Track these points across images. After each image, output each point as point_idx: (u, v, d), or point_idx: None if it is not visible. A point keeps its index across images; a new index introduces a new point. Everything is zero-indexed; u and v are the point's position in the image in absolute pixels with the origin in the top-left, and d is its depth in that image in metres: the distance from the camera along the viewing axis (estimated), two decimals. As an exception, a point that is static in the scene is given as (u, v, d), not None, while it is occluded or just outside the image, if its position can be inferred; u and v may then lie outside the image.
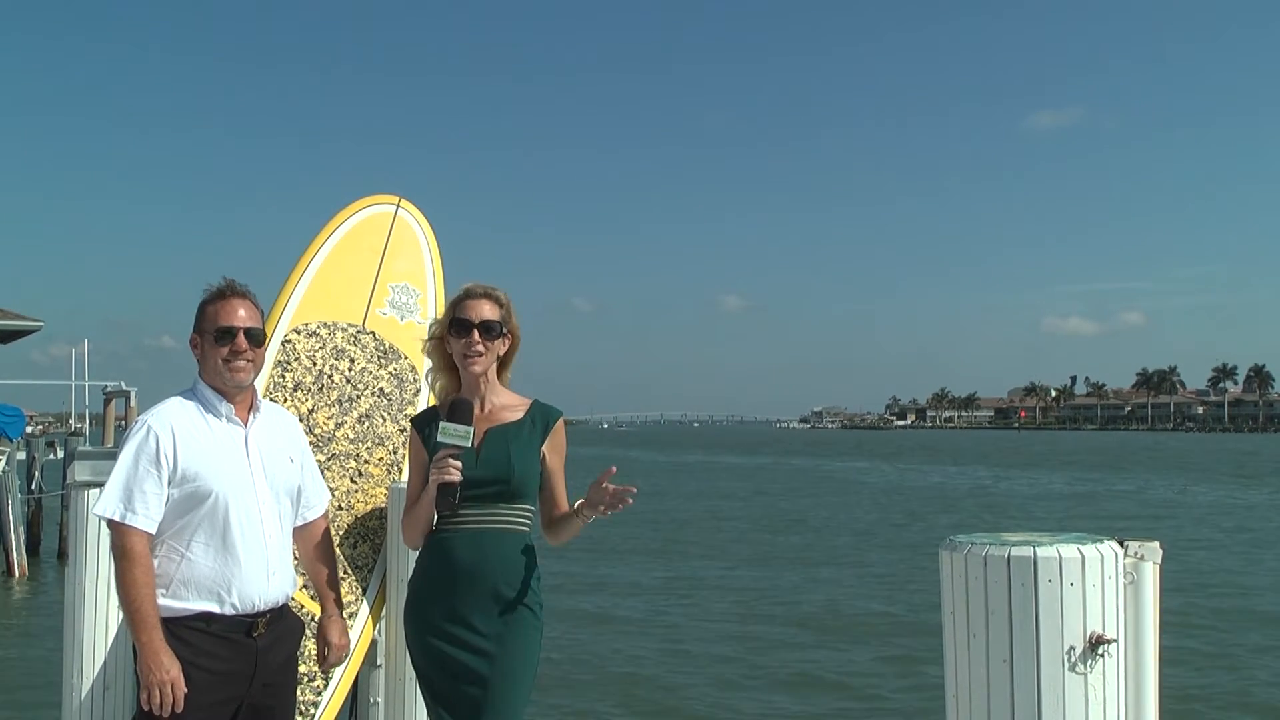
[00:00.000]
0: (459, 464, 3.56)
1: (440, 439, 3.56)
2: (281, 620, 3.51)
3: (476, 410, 3.69)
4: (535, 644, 3.69)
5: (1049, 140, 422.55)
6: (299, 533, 3.67)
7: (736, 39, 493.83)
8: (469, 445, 3.57)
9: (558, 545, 3.85)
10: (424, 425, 3.79)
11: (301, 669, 3.92)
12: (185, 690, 3.22)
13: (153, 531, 3.30)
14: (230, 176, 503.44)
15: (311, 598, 3.98)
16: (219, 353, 3.43)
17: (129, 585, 3.24)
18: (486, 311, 3.72)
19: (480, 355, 3.71)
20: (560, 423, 3.83)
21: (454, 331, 3.73)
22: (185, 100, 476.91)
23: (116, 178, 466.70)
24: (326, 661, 3.76)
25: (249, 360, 3.47)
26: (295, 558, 3.68)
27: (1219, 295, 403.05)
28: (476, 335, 3.69)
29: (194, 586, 3.33)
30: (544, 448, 3.76)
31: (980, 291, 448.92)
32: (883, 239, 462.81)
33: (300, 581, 3.81)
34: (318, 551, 3.73)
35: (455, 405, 3.64)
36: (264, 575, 3.42)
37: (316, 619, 3.84)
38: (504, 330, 3.75)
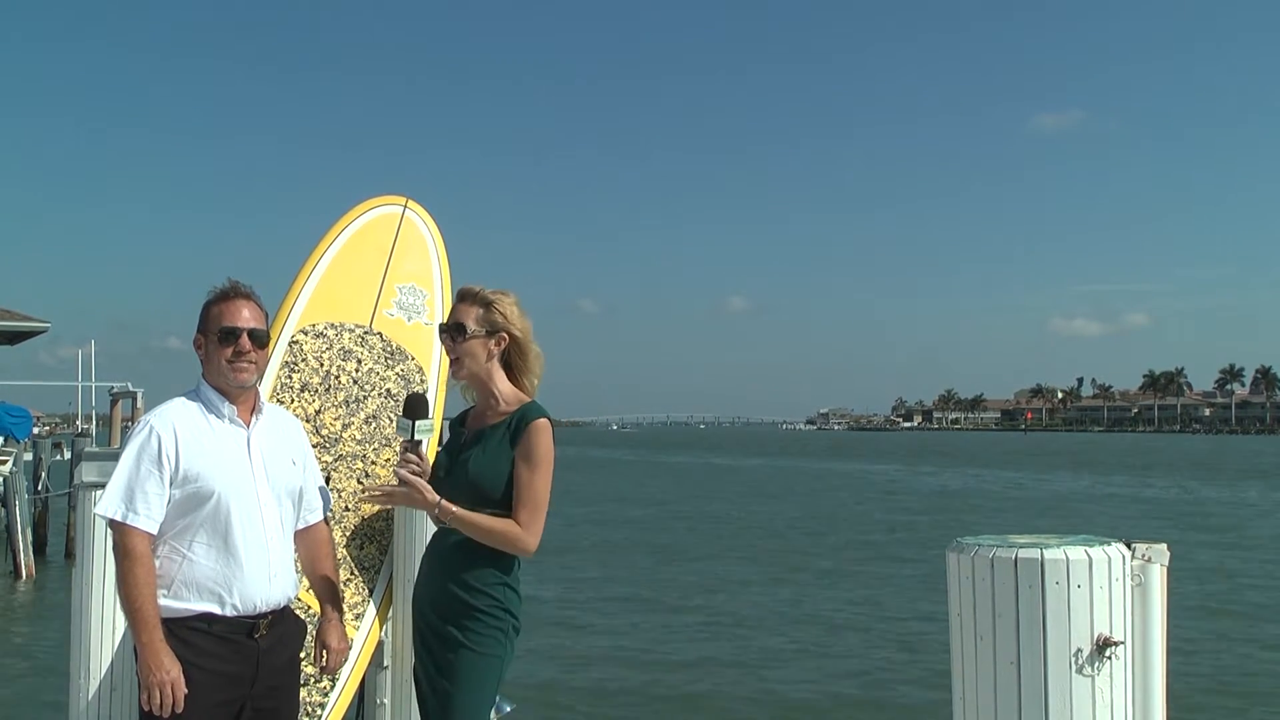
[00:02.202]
0: (415, 457, 3.64)
1: (395, 431, 3.65)
2: (283, 622, 3.51)
3: (486, 409, 3.75)
4: (494, 649, 3.65)
5: (1052, 142, 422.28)
6: (300, 536, 3.66)
7: (741, 44, 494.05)
8: (412, 437, 3.65)
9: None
10: (451, 427, 3.85)
11: (309, 670, 3.93)
12: (185, 691, 3.21)
13: (154, 532, 3.30)
14: (237, 178, 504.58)
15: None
16: (223, 353, 3.43)
17: (130, 585, 3.24)
18: (457, 315, 3.77)
19: (455, 360, 3.74)
20: (534, 427, 3.68)
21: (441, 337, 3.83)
22: (192, 102, 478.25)
23: (123, 179, 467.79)
24: (326, 665, 3.75)
25: (252, 361, 3.48)
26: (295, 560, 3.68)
27: (1224, 297, 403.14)
28: (449, 339, 3.77)
29: (195, 587, 3.33)
30: (515, 451, 3.69)
31: (986, 293, 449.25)
32: (888, 240, 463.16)
33: (306, 584, 3.81)
34: (318, 554, 3.73)
35: (407, 400, 3.76)
36: (265, 577, 3.42)
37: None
38: (486, 331, 3.74)
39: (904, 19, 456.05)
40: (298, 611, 3.73)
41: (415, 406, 3.68)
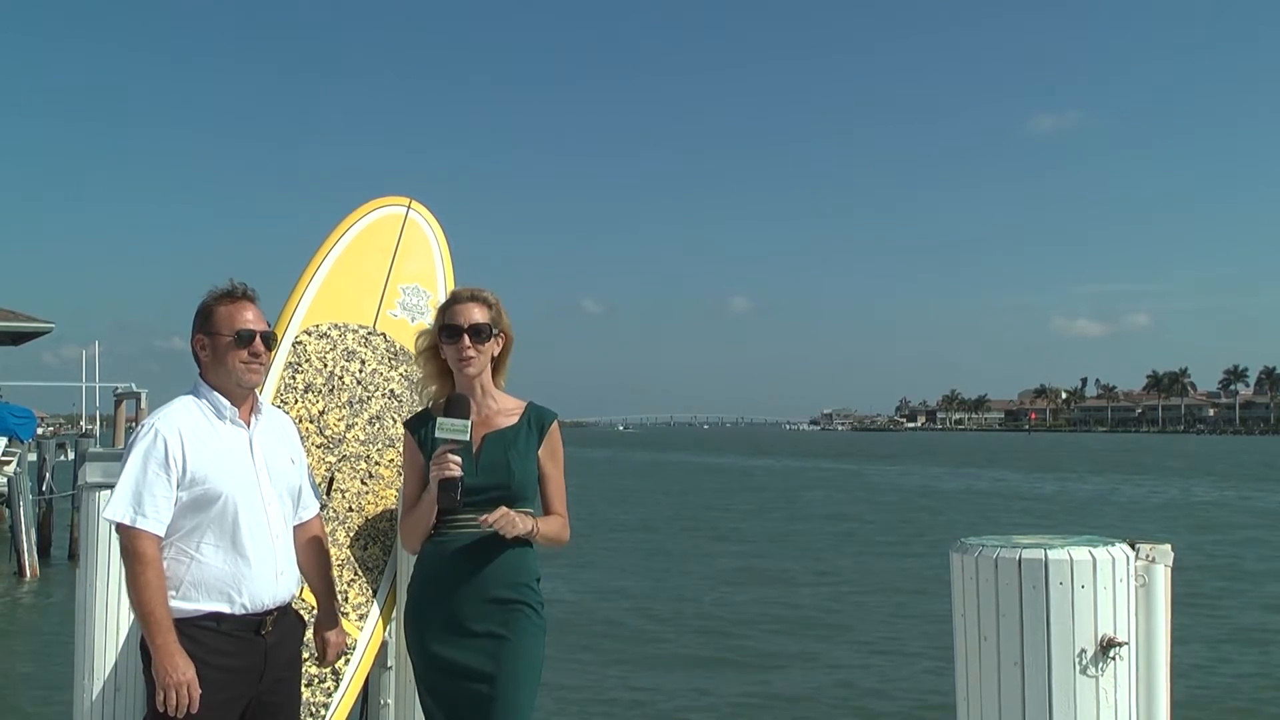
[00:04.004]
0: (458, 459, 3.57)
1: (438, 435, 3.58)
2: (286, 617, 3.54)
3: (474, 415, 3.69)
4: (538, 645, 3.69)
5: (1051, 143, 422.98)
6: (295, 532, 3.66)
7: (743, 44, 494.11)
8: (467, 439, 3.58)
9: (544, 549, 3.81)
10: (418, 428, 3.79)
11: (313, 670, 3.93)
12: (200, 691, 3.24)
13: (162, 534, 3.31)
14: (241, 178, 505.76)
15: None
16: (238, 355, 3.44)
17: (141, 588, 3.25)
18: (475, 315, 3.74)
19: (473, 359, 3.73)
20: (555, 425, 3.82)
21: (445, 338, 3.74)
22: (196, 102, 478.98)
23: (127, 179, 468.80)
24: (326, 658, 3.77)
25: (263, 364, 3.51)
26: None
27: (1227, 297, 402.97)
28: (467, 340, 3.71)
29: (204, 588, 3.35)
30: (539, 451, 3.76)
31: (988, 293, 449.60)
32: (890, 241, 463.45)
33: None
34: (313, 550, 3.73)
35: (451, 400, 3.67)
36: (272, 575, 3.44)
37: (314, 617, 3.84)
38: (495, 332, 3.76)
39: (902, 19, 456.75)
40: (298, 607, 3.73)
41: (462, 407, 3.65)
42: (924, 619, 15.10)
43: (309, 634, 3.79)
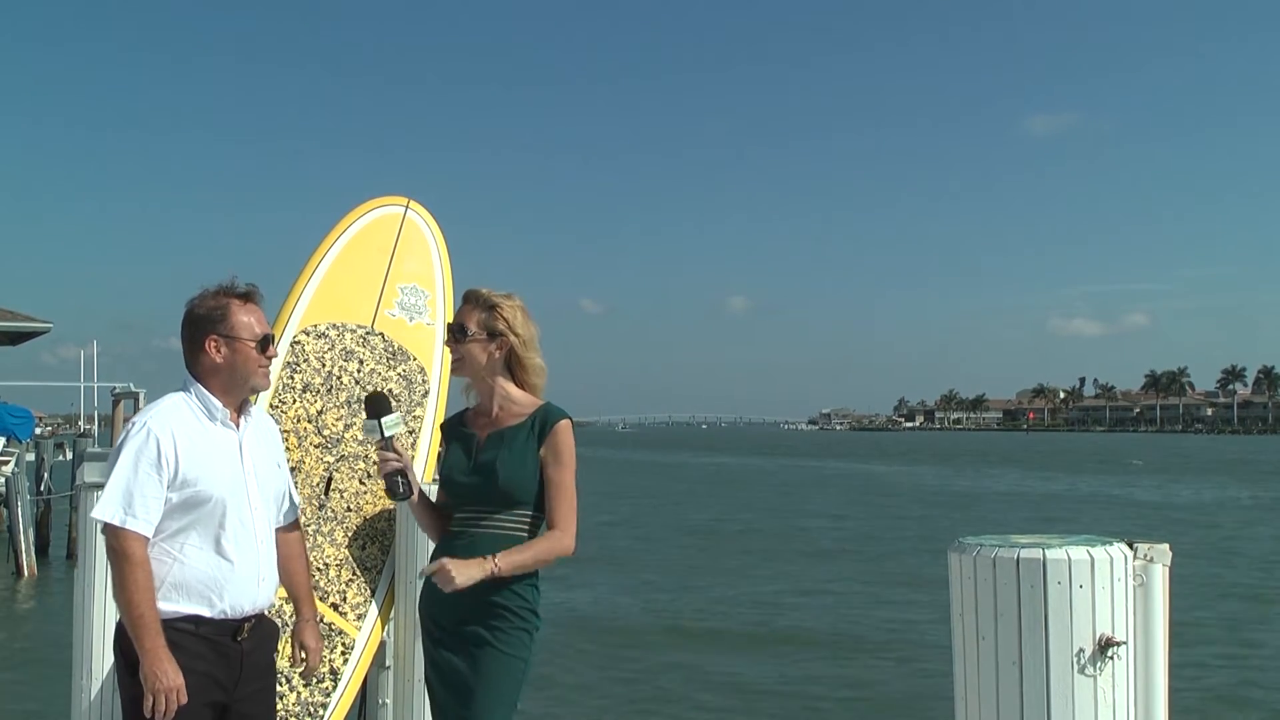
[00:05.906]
0: (392, 454, 3.63)
1: (364, 435, 3.62)
2: (262, 624, 3.49)
3: (495, 410, 3.70)
4: (520, 651, 3.60)
5: (1048, 143, 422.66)
6: (276, 535, 3.60)
7: (739, 44, 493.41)
8: (383, 436, 3.64)
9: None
10: (450, 430, 3.84)
11: (319, 670, 3.92)
12: (186, 699, 3.18)
13: (151, 535, 3.25)
14: (239, 178, 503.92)
15: (286, 601, 3.90)
16: (259, 360, 3.43)
17: (131, 589, 3.19)
18: (460, 316, 3.75)
19: (457, 360, 3.74)
20: (560, 427, 3.65)
21: None
22: (196, 102, 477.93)
23: (127, 179, 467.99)
24: (306, 665, 3.71)
25: (269, 367, 3.53)
26: None
27: (1225, 297, 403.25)
28: (450, 340, 3.76)
29: (185, 590, 3.29)
30: (541, 452, 3.64)
31: (986, 293, 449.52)
32: (889, 241, 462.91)
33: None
34: (292, 555, 3.68)
35: (366, 400, 3.76)
36: (254, 580, 3.40)
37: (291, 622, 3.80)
38: (488, 334, 3.69)
39: (899, 20, 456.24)
40: (274, 613, 3.69)
41: (377, 405, 3.68)
42: (923, 618, 15.12)
43: (287, 639, 3.75)
